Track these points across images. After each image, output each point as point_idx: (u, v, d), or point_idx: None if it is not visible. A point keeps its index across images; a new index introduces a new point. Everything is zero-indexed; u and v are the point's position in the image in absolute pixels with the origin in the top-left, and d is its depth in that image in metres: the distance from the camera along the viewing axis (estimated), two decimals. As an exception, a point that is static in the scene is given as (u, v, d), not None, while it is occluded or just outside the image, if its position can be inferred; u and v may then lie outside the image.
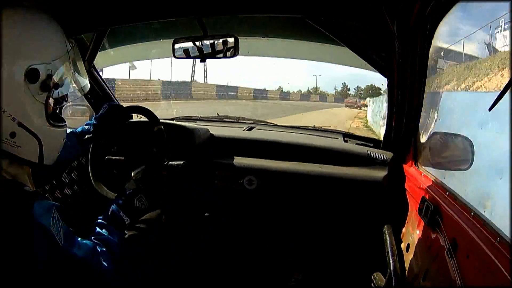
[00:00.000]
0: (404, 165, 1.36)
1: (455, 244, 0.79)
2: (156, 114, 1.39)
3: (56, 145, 0.77)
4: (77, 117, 1.94)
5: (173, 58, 1.39)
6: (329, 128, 2.10)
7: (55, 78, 0.70)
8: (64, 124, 0.77)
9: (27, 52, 0.66)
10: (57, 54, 0.70)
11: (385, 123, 1.47)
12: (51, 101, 0.73)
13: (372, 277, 1.05)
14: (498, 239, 0.66)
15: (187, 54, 1.36)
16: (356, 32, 1.28)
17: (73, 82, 0.76)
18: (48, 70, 0.68)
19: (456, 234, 0.80)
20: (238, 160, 1.55)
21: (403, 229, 1.25)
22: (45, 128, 0.71)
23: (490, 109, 0.69)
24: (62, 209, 0.71)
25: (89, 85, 0.83)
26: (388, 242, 1.16)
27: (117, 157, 1.43)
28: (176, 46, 1.37)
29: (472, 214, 0.79)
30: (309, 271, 1.59)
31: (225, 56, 1.34)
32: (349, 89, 55.30)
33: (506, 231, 0.67)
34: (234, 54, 1.32)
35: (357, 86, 55.96)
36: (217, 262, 1.64)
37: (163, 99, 18.48)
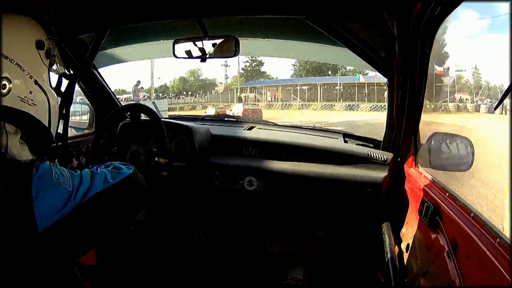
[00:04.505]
0: (404, 166, 1.36)
1: (455, 244, 0.79)
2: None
3: (56, 112, 0.89)
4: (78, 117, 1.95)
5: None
6: (330, 128, 2.10)
7: (52, 51, 0.88)
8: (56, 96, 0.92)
9: (34, 31, 0.85)
10: (47, 36, 0.89)
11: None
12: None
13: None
14: (497, 240, 0.66)
15: (188, 54, 1.36)
16: (356, 33, 1.28)
17: (60, 59, 0.94)
18: (48, 44, 0.85)
19: (456, 235, 0.80)
20: (238, 161, 1.56)
21: (403, 230, 1.26)
22: (50, 90, 0.85)
23: (495, 109, 0.69)
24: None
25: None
26: (388, 242, 1.16)
27: (117, 158, 1.43)
28: (177, 46, 1.38)
29: (472, 215, 0.79)
30: (310, 271, 1.59)
31: (225, 57, 1.34)
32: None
33: (505, 232, 0.67)
34: (234, 55, 1.33)
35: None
36: (217, 262, 1.64)
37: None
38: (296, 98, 25.36)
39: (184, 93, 32.84)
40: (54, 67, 0.92)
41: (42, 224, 0.72)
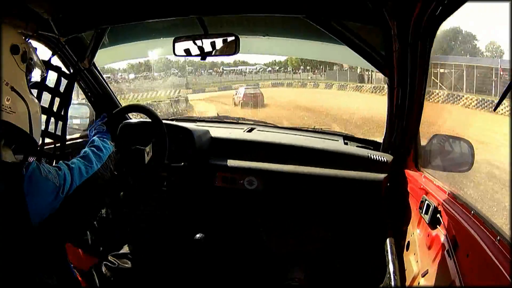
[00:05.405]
0: (404, 167, 1.36)
1: (455, 243, 0.79)
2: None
3: (38, 118, 0.89)
4: (78, 116, 1.94)
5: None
6: (330, 130, 2.09)
7: (28, 55, 0.87)
8: (38, 102, 0.92)
9: (7, 36, 0.83)
10: (23, 40, 0.88)
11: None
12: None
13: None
14: (498, 238, 0.66)
15: (187, 52, 1.37)
16: (356, 32, 1.28)
17: (37, 61, 0.93)
18: (23, 48, 0.85)
19: (456, 233, 0.80)
20: (238, 162, 1.55)
21: (404, 229, 1.26)
22: (28, 96, 0.85)
23: (494, 109, 0.69)
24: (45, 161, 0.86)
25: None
26: (388, 242, 1.17)
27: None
28: (177, 44, 1.38)
29: (472, 213, 0.79)
30: (310, 271, 1.59)
31: (225, 55, 1.34)
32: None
33: (506, 230, 0.67)
34: (234, 53, 1.33)
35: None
36: (217, 262, 1.64)
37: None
38: (441, 84, 14.24)
39: (302, 67, 26.88)
40: (35, 71, 0.91)
41: (35, 219, 0.75)
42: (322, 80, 23.38)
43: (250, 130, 1.82)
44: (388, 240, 1.23)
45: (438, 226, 0.91)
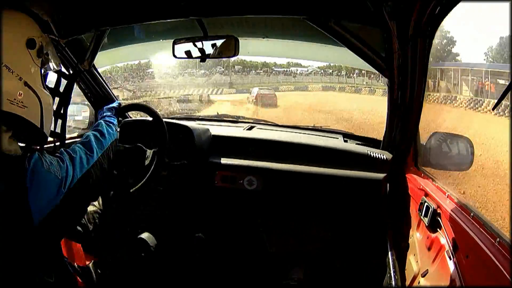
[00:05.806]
0: (404, 166, 1.36)
1: (455, 244, 0.79)
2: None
3: (50, 112, 0.89)
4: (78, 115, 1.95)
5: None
6: (329, 128, 2.09)
7: (44, 50, 0.86)
8: (51, 95, 0.92)
9: (25, 28, 0.83)
10: (41, 33, 0.87)
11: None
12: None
13: None
14: (497, 240, 0.67)
15: (187, 54, 1.37)
16: (355, 33, 1.28)
17: (54, 56, 0.93)
18: (40, 42, 0.84)
19: (456, 234, 0.81)
20: (238, 161, 1.55)
21: (403, 229, 1.26)
22: (42, 91, 0.84)
23: (493, 109, 0.69)
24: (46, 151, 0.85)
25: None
26: (388, 242, 1.17)
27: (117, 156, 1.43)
28: (176, 46, 1.38)
29: (472, 215, 0.79)
30: (310, 271, 1.60)
31: (225, 57, 1.34)
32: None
33: (506, 232, 0.67)
34: (234, 55, 1.33)
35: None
36: (217, 261, 1.64)
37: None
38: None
39: (357, 71, 23.82)
40: (50, 65, 0.90)
41: (37, 216, 0.74)
42: (379, 85, 20.78)
43: (250, 128, 1.83)
44: (388, 240, 1.24)
45: (437, 227, 0.92)
